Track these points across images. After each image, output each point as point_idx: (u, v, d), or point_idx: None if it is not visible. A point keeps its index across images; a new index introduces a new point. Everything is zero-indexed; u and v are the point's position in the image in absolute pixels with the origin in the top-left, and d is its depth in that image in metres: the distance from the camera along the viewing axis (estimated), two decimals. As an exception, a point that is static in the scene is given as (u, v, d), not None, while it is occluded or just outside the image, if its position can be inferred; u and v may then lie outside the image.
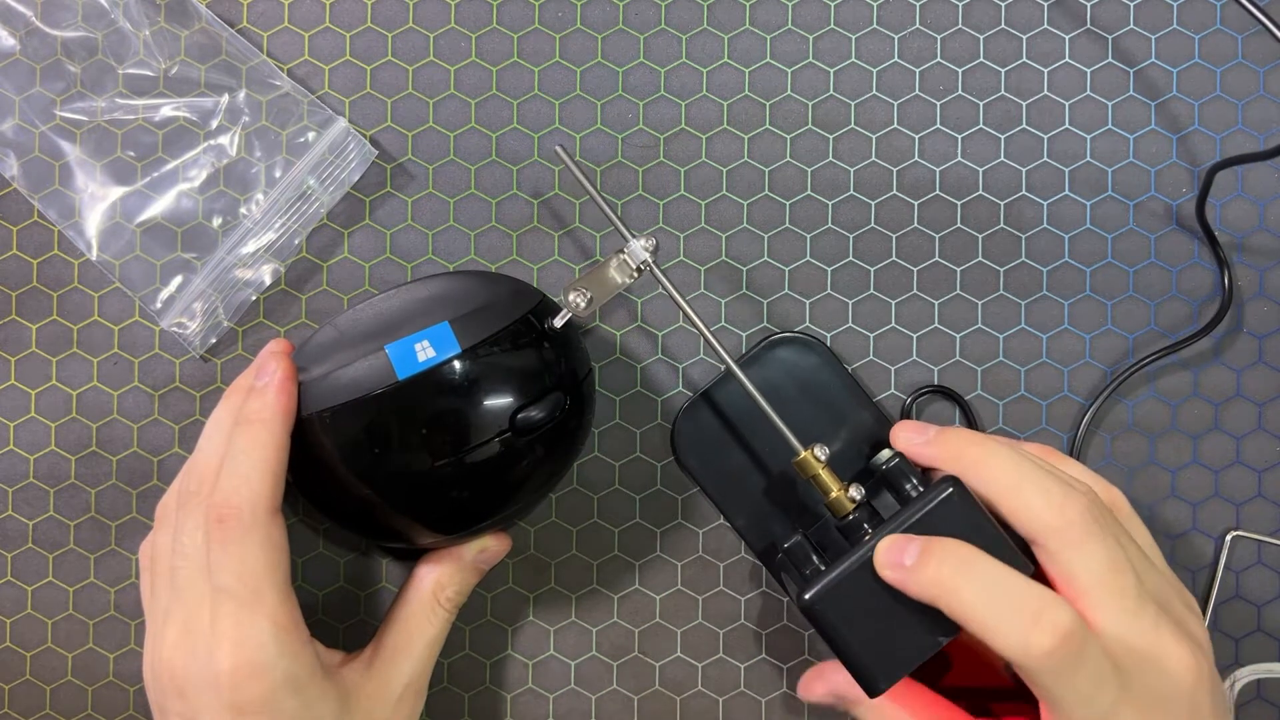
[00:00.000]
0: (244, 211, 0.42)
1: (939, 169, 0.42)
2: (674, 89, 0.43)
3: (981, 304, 0.42)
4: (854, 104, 0.43)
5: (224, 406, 0.36)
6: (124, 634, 0.42)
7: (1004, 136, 0.42)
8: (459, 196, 0.42)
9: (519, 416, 0.35)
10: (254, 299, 0.42)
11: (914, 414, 0.42)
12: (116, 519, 0.42)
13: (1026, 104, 0.43)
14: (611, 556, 0.42)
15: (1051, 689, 0.30)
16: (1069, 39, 0.43)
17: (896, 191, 0.42)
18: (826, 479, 0.36)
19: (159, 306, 0.41)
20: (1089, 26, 0.43)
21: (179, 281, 0.41)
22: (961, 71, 0.43)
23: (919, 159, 0.42)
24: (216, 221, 0.42)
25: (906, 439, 0.37)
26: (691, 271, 0.42)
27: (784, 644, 0.42)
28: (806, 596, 0.34)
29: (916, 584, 0.32)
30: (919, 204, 0.42)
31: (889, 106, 0.43)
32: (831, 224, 0.42)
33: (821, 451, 0.36)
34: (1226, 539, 0.42)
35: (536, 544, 0.42)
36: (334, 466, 0.35)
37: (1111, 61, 0.43)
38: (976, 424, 0.42)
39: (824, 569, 0.34)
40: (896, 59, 0.43)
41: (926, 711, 0.36)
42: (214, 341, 0.42)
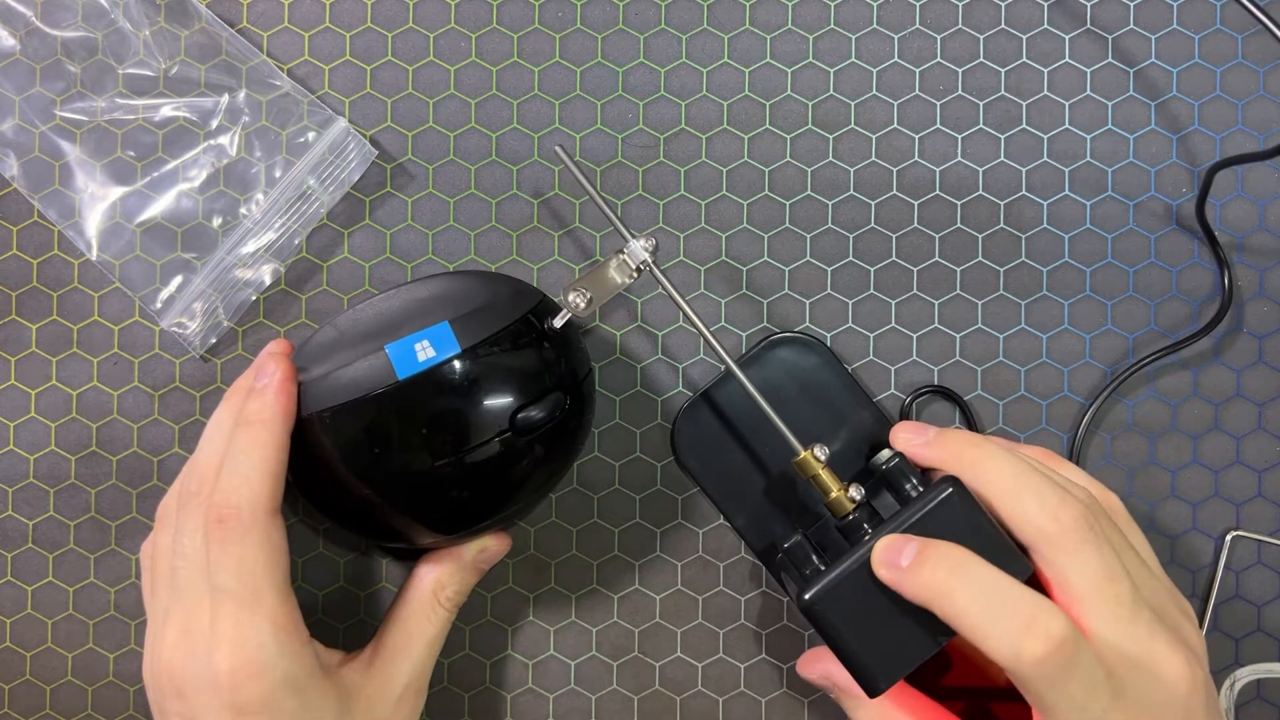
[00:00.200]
0: (244, 211, 0.42)
1: (939, 169, 0.42)
2: (674, 89, 0.43)
3: (981, 304, 0.42)
4: (854, 104, 0.43)
5: (224, 407, 0.36)
6: (124, 634, 0.42)
7: (1004, 136, 0.42)
8: (459, 196, 0.42)
9: (519, 416, 0.35)
10: (254, 299, 0.42)
11: (913, 414, 0.42)
12: (116, 519, 0.42)
13: (1026, 104, 0.43)
14: (611, 556, 0.42)
15: (1043, 696, 0.30)
16: (1069, 39, 0.43)
17: (896, 191, 0.42)
18: (826, 479, 0.36)
19: (159, 306, 0.41)
20: (1089, 26, 0.43)
21: (179, 281, 0.41)
22: (961, 71, 0.43)
23: (919, 159, 0.42)
24: (216, 221, 0.42)
25: (905, 440, 0.38)
26: (691, 271, 0.42)
27: (784, 644, 0.42)
28: (806, 596, 0.34)
29: (911, 586, 0.32)
30: (919, 204, 0.42)
31: (889, 106, 0.43)
32: (831, 224, 0.42)
33: (821, 451, 0.36)
34: (1226, 539, 0.42)
35: (536, 544, 0.42)
36: (334, 466, 0.35)
37: (1111, 61, 0.43)
38: (976, 425, 0.42)
39: (824, 569, 0.34)
40: (896, 59, 0.43)
41: (922, 714, 0.36)
42: (214, 341, 0.42)
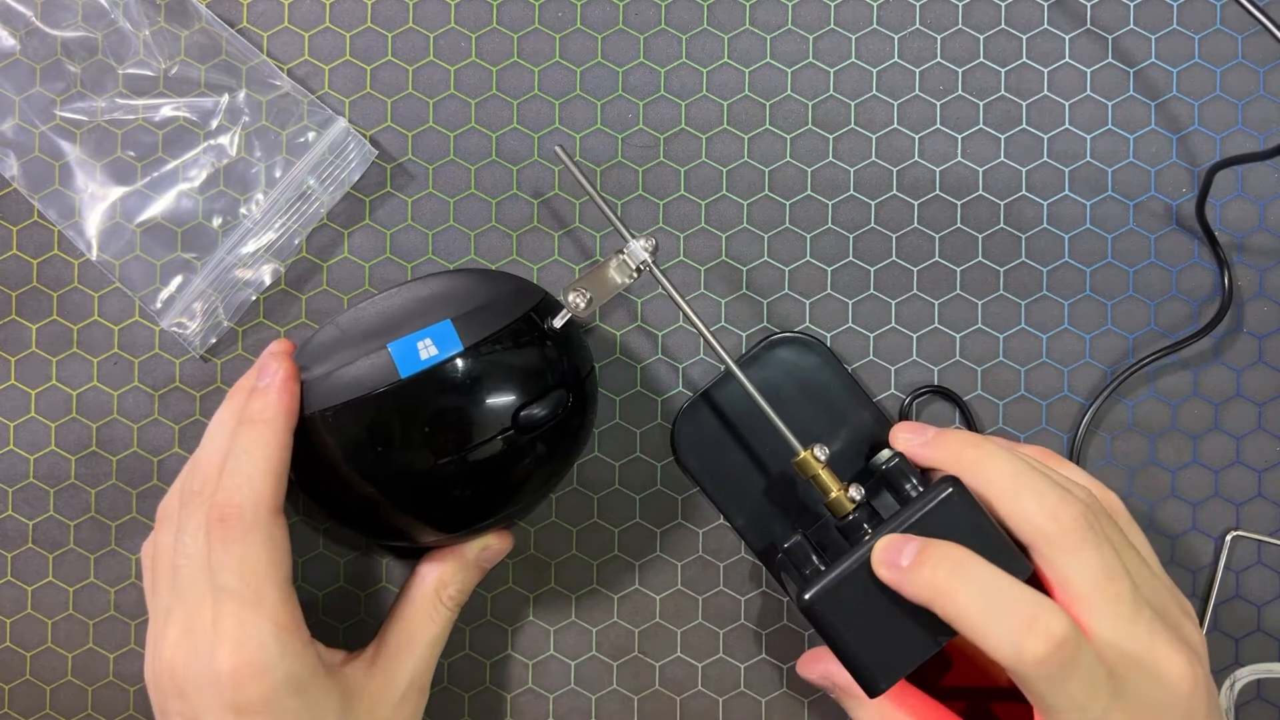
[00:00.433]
0: (244, 211, 0.42)
1: (939, 169, 0.42)
2: (674, 89, 0.43)
3: (981, 304, 0.42)
4: (854, 104, 0.43)
5: (226, 407, 0.36)
6: (124, 634, 0.42)
7: (1004, 136, 0.43)
8: (459, 196, 0.42)
9: (522, 414, 0.35)
10: (254, 299, 0.42)
11: (913, 414, 0.42)
12: (116, 519, 0.42)
13: (1026, 104, 0.43)
14: (611, 556, 0.42)
15: (1044, 695, 0.30)
16: (1069, 39, 0.43)
17: (896, 191, 0.42)
18: (826, 479, 0.36)
19: (159, 306, 0.41)
20: (1089, 26, 0.43)
21: (179, 281, 0.41)
22: (961, 71, 0.43)
23: (919, 159, 0.42)
24: (216, 221, 0.42)
25: (905, 440, 0.38)
26: (691, 271, 0.42)
27: (784, 644, 0.42)
28: (806, 596, 0.34)
29: (912, 585, 0.32)
30: (919, 204, 0.42)
31: (889, 106, 0.43)
32: (831, 224, 0.42)
33: (821, 452, 0.36)
34: (1226, 539, 0.42)
35: (536, 544, 0.42)
36: (337, 465, 0.35)
37: (1111, 61, 0.43)
38: (975, 425, 0.42)
39: (824, 569, 0.34)
40: (896, 59, 0.43)
41: (923, 714, 0.36)
42: (214, 341, 0.42)
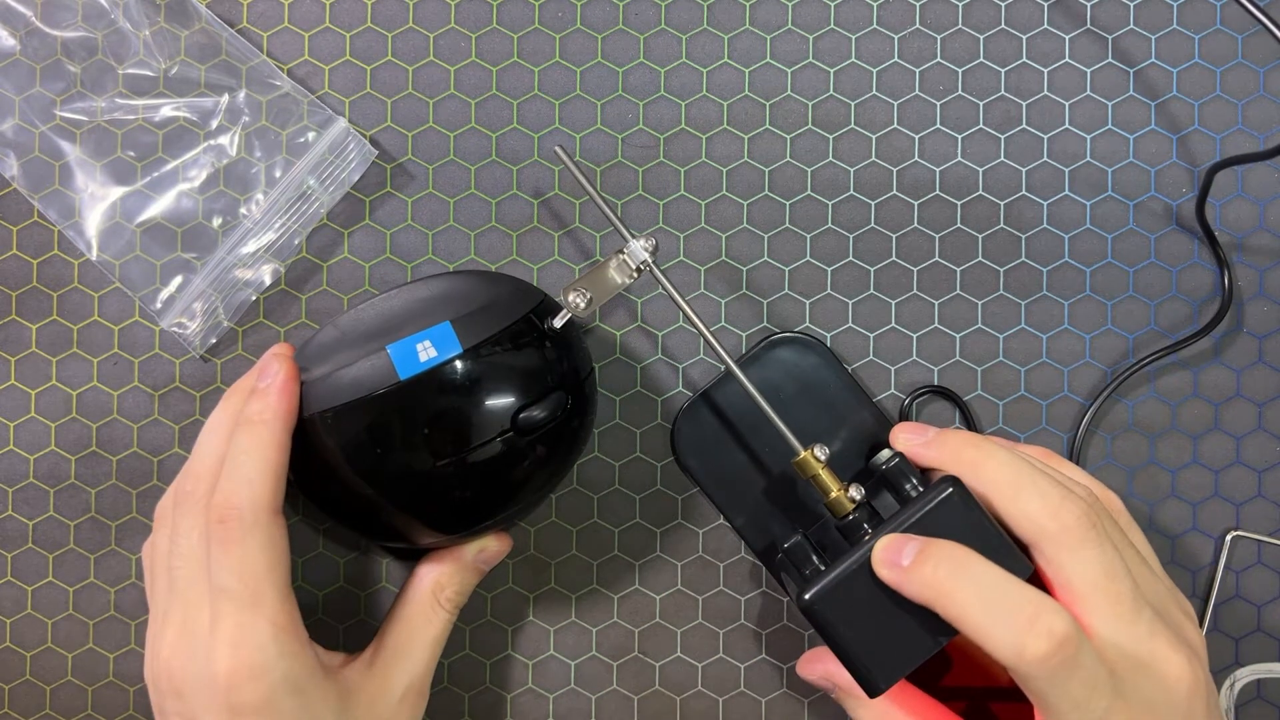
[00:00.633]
0: (244, 211, 0.42)
1: (939, 169, 0.42)
2: (674, 89, 0.43)
3: (981, 304, 0.42)
4: (854, 104, 0.43)
5: (223, 408, 0.36)
6: (124, 634, 0.42)
7: (1004, 136, 0.43)
8: (459, 196, 0.42)
9: (521, 416, 0.35)
10: (254, 299, 0.42)
11: (913, 415, 0.42)
12: (116, 519, 0.42)
13: (1026, 104, 0.43)
14: (611, 556, 0.42)
15: (1045, 694, 0.30)
16: (1069, 39, 0.43)
17: (896, 191, 0.42)
18: (826, 479, 0.36)
19: (159, 306, 0.41)
20: (1089, 26, 0.43)
21: (179, 281, 0.41)
22: (961, 71, 0.43)
23: (919, 159, 0.42)
24: (216, 221, 0.42)
25: (905, 440, 0.38)
26: (691, 271, 0.42)
27: (784, 644, 0.42)
28: (806, 596, 0.34)
29: (912, 585, 0.32)
30: (919, 204, 0.42)
31: (889, 106, 0.43)
32: (831, 224, 0.42)
33: (821, 452, 0.36)
34: (1226, 539, 0.42)
35: (536, 544, 0.42)
36: (336, 467, 0.35)
37: (1111, 61, 0.43)
38: (975, 425, 0.42)
39: (824, 569, 0.34)
40: (896, 59, 0.43)
41: (924, 714, 0.36)
42: (214, 341, 0.42)
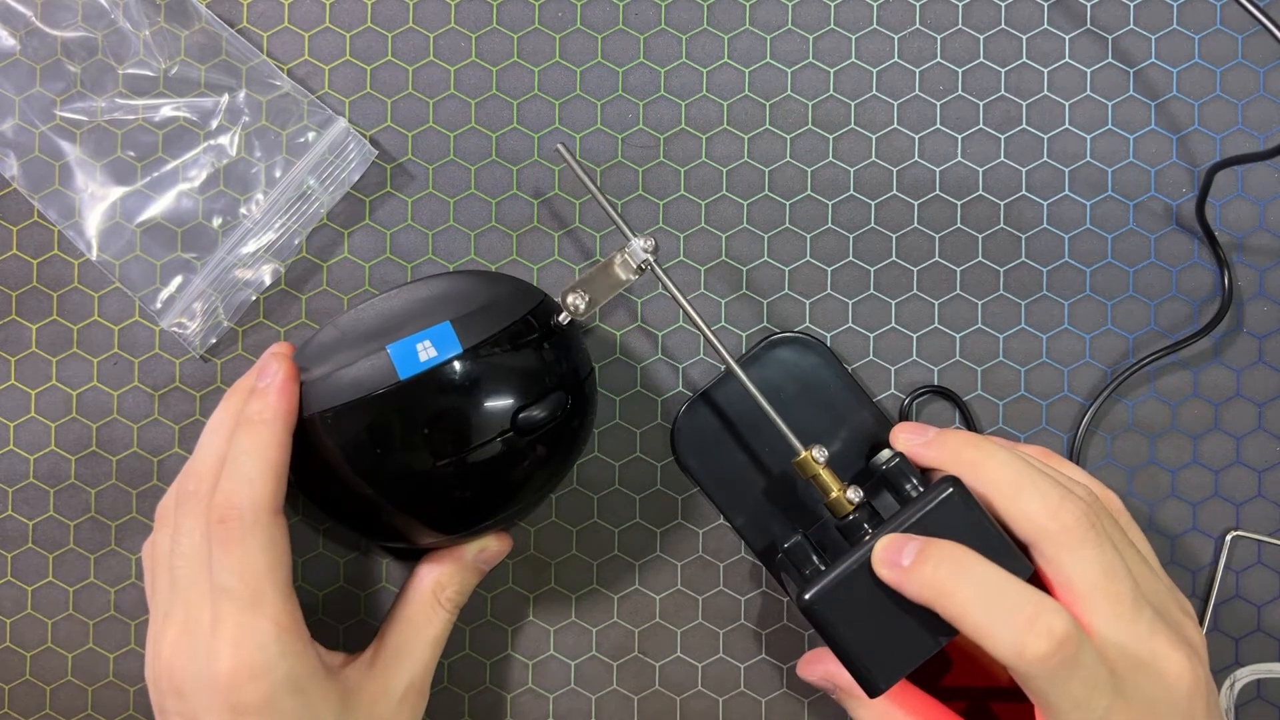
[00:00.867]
0: (244, 211, 0.42)
1: (939, 169, 0.42)
2: (674, 89, 0.43)
3: (981, 304, 0.42)
4: (854, 104, 0.43)
5: (224, 408, 0.36)
6: (124, 634, 0.42)
7: (1004, 136, 0.43)
8: (459, 196, 0.42)
9: (521, 416, 0.35)
10: (254, 299, 0.42)
11: (913, 415, 0.42)
12: (116, 519, 0.42)
13: (1026, 104, 0.43)
14: (611, 556, 0.42)
15: (1046, 693, 0.30)
16: (1069, 39, 0.43)
17: (896, 191, 0.42)
18: (826, 479, 0.36)
19: (159, 306, 0.41)
20: (1089, 26, 0.43)
21: (179, 281, 0.41)
22: (961, 71, 0.43)
23: (919, 159, 0.42)
24: (216, 221, 0.42)
25: (905, 440, 0.38)
26: (691, 271, 0.42)
27: (784, 644, 0.42)
28: (806, 596, 0.34)
29: (912, 585, 0.32)
30: (919, 204, 0.42)
31: (889, 106, 0.43)
32: (831, 224, 0.42)
33: (821, 452, 0.36)
34: (1226, 539, 0.42)
35: (536, 544, 0.42)
36: (336, 467, 0.35)
37: (1111, 61, 0.43)
38: (975, 425, 0.42)
39: (824, 569, 0.34)
40: (896, 59, 0.43)
41: (924, 714, 0.36)
42: (214, 341, 0.42)
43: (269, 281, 0.42)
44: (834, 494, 0.35)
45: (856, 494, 0.35)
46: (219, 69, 0.42)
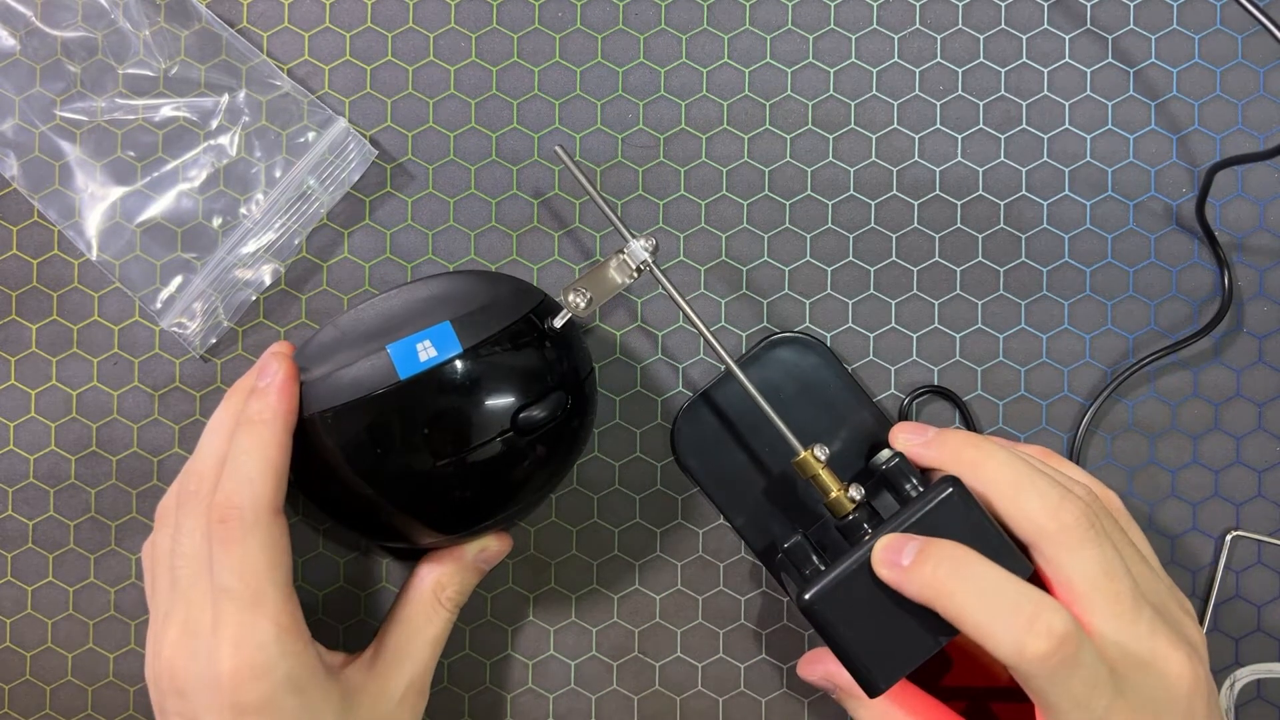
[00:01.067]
0: (244, 211, 0.42)
1: (939, 169, 0.42)
2: (674, 89, 0.43)
3: (981, 304, 0.42)
4: (854, 104, 0.43)
5: (225, 408, 0.36)
6: (124, 634, 0.42)
7: (1004, 136, 0.43)
8: (459, 196, 0.42)
9: (521, 416, 0.35)
10: (254, 299, 0.42)
11: (912, 415, 0.42)
12: (116, 519, 0.42)
13: (1026, 104, 0.43)
14: (611, 556, 0.42)
15: (1046, 693, 0.30)
16: (1069, 39, 0.43)
17: (896, 191, 0.42)
18: (826, 479, 0.36)
19: (159, 306, 0.41)
20: (1089, 26, 0.43)
21: (179, 281, 0.41)
22: (961, 71, 0.43)
23: (919, 159, 0.42)
24: (216, 221, 0.42)
25: (905, 440, 0.38)
26: (691, 271, 0.42)
27: (784, 644, 0.42)
28: (806, 596, 0.34)
29: (912, 584, 0.32)
30: (919, 204, 0.42)
31: (889, 106, 0.43)
32: (831, 224, 0.42)
33: (821, 452, 0.36)
34: (1226, 539, 0.42)
35: (536, 544, 0.42)
36: (336, 466, 0.35)
37: (1111, 61, 0.43)
38: (974, 425, 0.42)
39: (824, 569, 0.34)
40: (896, 59, 0.43)
41: (924, 714, 0.36)
42: (214, 341, 0.42)
43: (269, 281, 0.42)
44: (834, 494, 0.35)
45: (858, 492, 0.35)
46: (219, 69, 0.42)
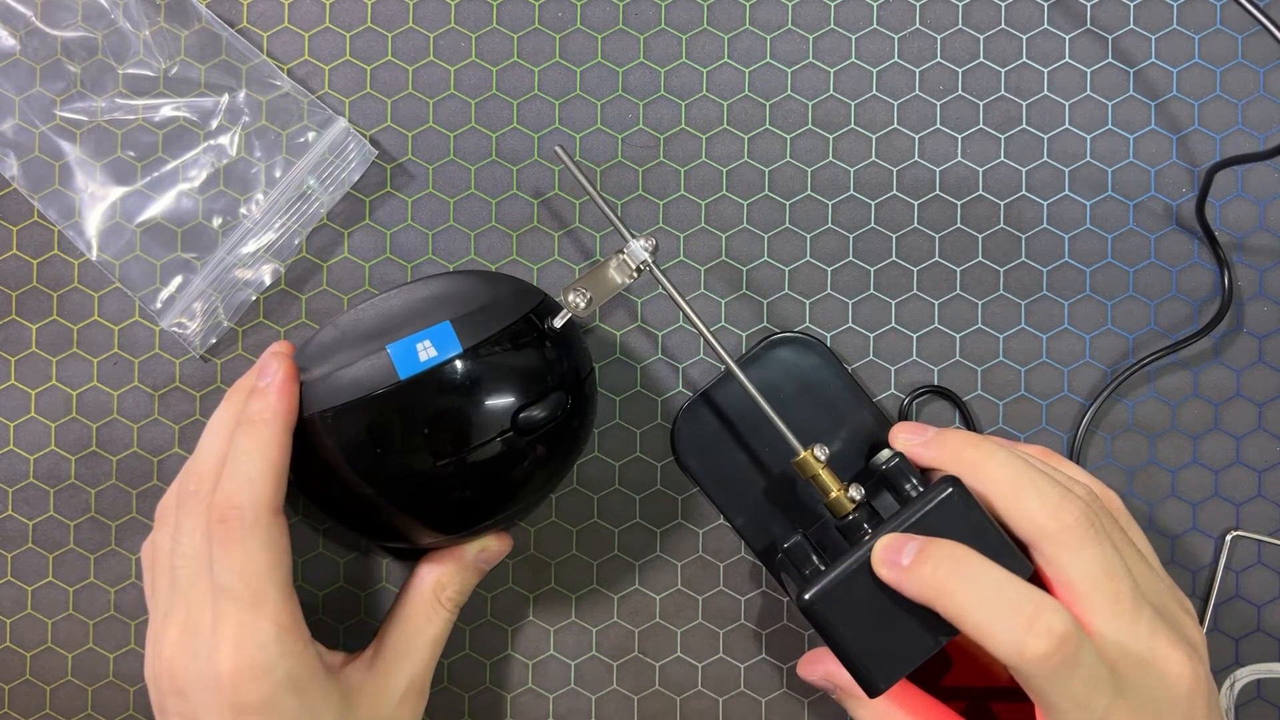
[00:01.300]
0: (244, 211, 0.42)
1: (939, 169, 0.42)
2: (674, 89, 0.43)
3: (981, 304, 0.42)
4: (854, 104, 0.43)
5: (225, 407, 0.36)
6: (124, 634, 0.42)
7: (1004, 136, 0.43)
8: (459, 196, 0.42)
9: (521, 416, 0.35)
10: (254, 299, 0.42)
11: (912, 415, 0.42)
12: (116, 519, 0.42)
13: (1026, 104, 0.43)
14: (611, 556, 0.42)
15: (1046, 693, 0.30)
16: (1069, 39, 0.43)
17: (896, 191, 0.42)
18: (826, 479, 0.36)
19: (159, 306, 0.41)
20: (1089, 26, 0.43)
21: (179, 281, 0.41)
22: (961, 71, 0.43)
23: (919, 159, 0.42)
24: (216, 221, 0.42)
25: (905, 440, 0.38)
26: (691, 271, 0.42)
27: (784, 644, 0.42)
28: (806, 596, 0.34)
29: (912, 584, 0.32)
30: (919, 204, 0.42)
31: (889, 106, 0.43)
32: (831, 224, 0.42)
33: (821, 452, 0.36)
34: (1226, 539, 0.42)
35: (536, 544, 0.42)
36: (336, 466, 0.35)
37: (1111, 61, 0.43)
38: (974, 424, 0.42)
39: (824, 569, 0.34)
40: (896, 59, 0.43)
41: (924, 714, 0.36)
42: (214, 341, 0.42)
43: (269, 281, 0.42)
44: (834, 494, 0.35)
45: (858, 492, 0.35)
46: (219, 69, 0.42)
